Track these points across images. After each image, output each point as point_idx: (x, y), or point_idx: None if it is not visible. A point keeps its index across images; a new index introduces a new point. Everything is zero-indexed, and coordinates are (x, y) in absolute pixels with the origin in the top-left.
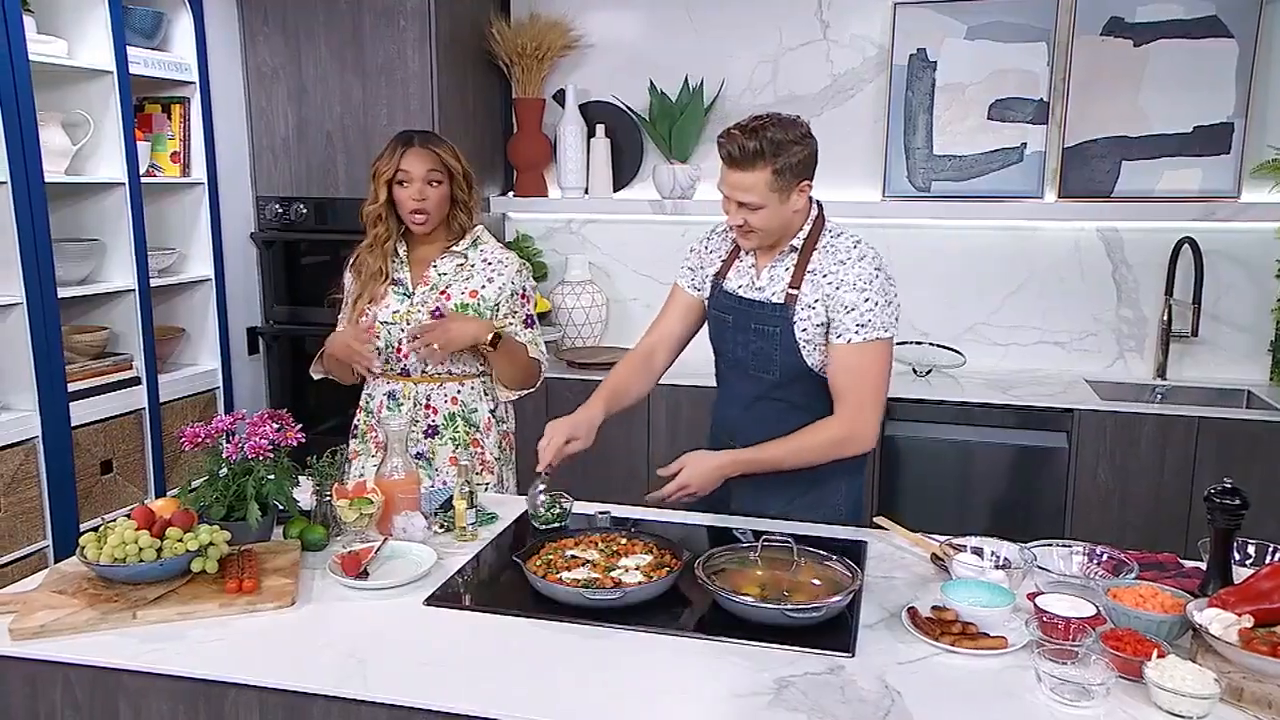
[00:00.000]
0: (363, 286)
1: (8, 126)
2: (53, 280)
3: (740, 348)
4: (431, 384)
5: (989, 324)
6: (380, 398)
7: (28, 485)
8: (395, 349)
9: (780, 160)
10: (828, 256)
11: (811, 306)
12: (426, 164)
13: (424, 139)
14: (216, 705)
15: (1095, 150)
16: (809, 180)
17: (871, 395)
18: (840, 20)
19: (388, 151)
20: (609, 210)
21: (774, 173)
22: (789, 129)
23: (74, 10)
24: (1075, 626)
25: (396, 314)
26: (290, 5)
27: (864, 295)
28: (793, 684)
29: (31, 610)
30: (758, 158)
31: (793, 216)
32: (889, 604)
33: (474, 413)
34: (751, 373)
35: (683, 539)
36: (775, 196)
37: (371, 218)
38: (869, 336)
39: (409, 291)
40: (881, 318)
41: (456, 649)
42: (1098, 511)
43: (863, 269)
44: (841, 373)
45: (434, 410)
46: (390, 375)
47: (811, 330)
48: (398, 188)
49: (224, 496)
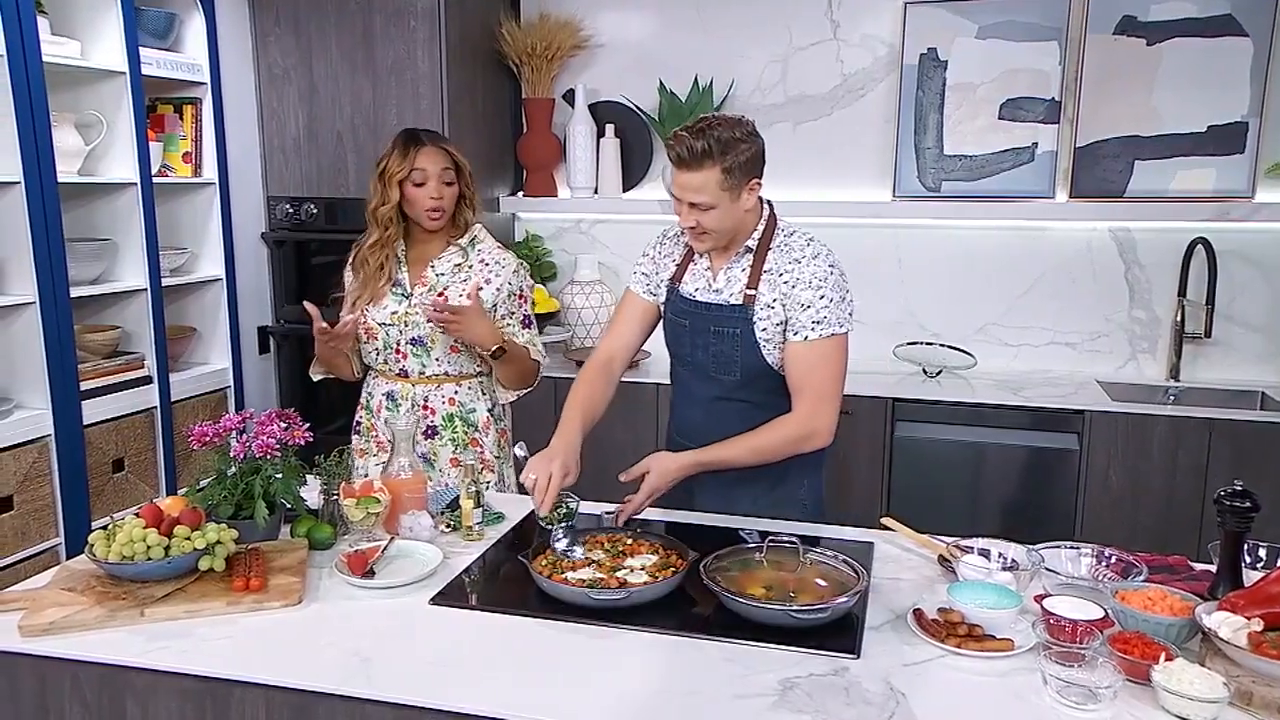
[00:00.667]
0: (364, 285)
1: (21, 127)
2: (65, 280)
3: (700, 350)
4: (429, 385)
5: (1000, 325)
6: (380, 398)
7: (40, 483)
8: (394, 349)
9: (729, 159)
10: (783, 255)
11: (770, 306)
12: (440, 162)
13: (432, 137)
14: (223, 703)
15: (1107, 150)
16: (758, 179)
17: (829, 391)
18: (850, 20)
19: (397, 152)
20: (618, 210)
21: (724, 171)
22: (735, 128)
23: (87, 11)
24: (1082, 629)
25: (395, 315)
26: (301, 6)
27: (819, 293)
28: (797, 685)
29: (41, 607)
30: (706, 157)
31: (745, 216)
32: (895, 605)
33: (472, 413)
34: (712, 374)
35: (689, 539)
36: (726, 196)
37: (384, 218)
38: (824, 333)
39: (407, 292)
40: (836, 314)
41: (461, 648)
42: (1109, 513)
43: (817, 266)
44: (799, 370)
45: (432, 411)
46: (389, 376)
47: (771, 329)
48: (412, 188)
49: (232, 495)
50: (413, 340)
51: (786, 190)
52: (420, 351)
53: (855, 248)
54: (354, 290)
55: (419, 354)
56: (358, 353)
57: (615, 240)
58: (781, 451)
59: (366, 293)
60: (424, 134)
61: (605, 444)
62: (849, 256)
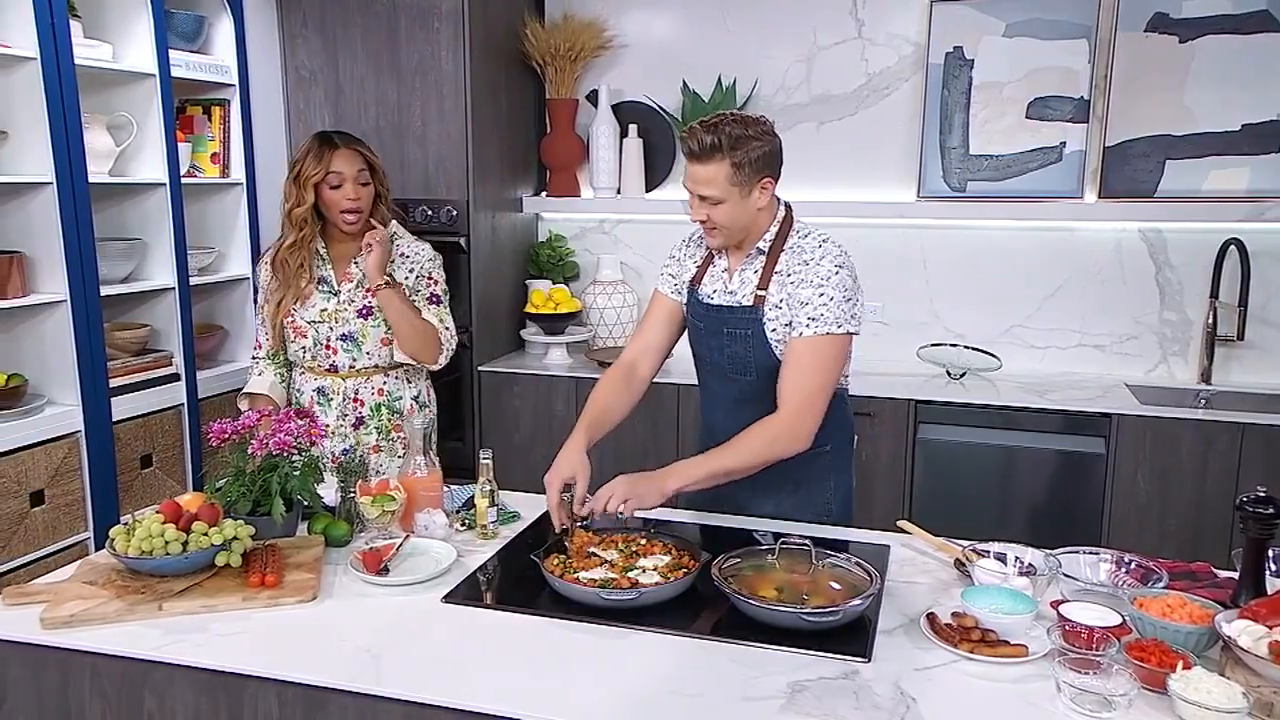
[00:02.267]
0: (287, 286)
1: (54, 129)
2: (96, 279)
3: (716, 352)
4: (359, 378)
5: (1026, 327)
6: (310, 393)
7: (71, 478)
8: (325, 345)
9: (738, 154)
10: (794, 257)
11: (778, 306)
12: (356, 164)
13: (345, 139)
14: (236, 697)
15: (1138, 149)
16: (771, 177)
17: (815, 394)
18: (876, 19)
19: (310, 154)
20: (641, 210)
21: (733, 166)
22: (749, 125)
23: (119, 14)
24: (1099, 636)
25: (324, 312)
26: (328, 8)
27: (819, 290)
28: (806, 688)
29: (62, 601)
30: (715, 150)
31: (757, 215)
32: (909, 609)
33: (398, 400)
34: (730, 376)
35: (702, 541)
36: (736, 191)
37: (299, 220)
38: (820, 331)
39: (335, 289)
40: (835, 313)
41: (472, 646)
42: (1136, 519)
43: (823, 266)
44: (789, 368)
45: (361, 403)
46: (318, 372)
47: (780, 330)
48: (328, 190)
49: (250, 492)
50: (343, 336)
51: (810, 191)
52: (351, 346)
53: (879, 248)
54: (274, 290)
55: (349, 349)
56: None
57: (638, 240)
58: (760, 455)
59: (290, 293)
60: (338, 136)
61: (625, 445)
62: (873, 257)
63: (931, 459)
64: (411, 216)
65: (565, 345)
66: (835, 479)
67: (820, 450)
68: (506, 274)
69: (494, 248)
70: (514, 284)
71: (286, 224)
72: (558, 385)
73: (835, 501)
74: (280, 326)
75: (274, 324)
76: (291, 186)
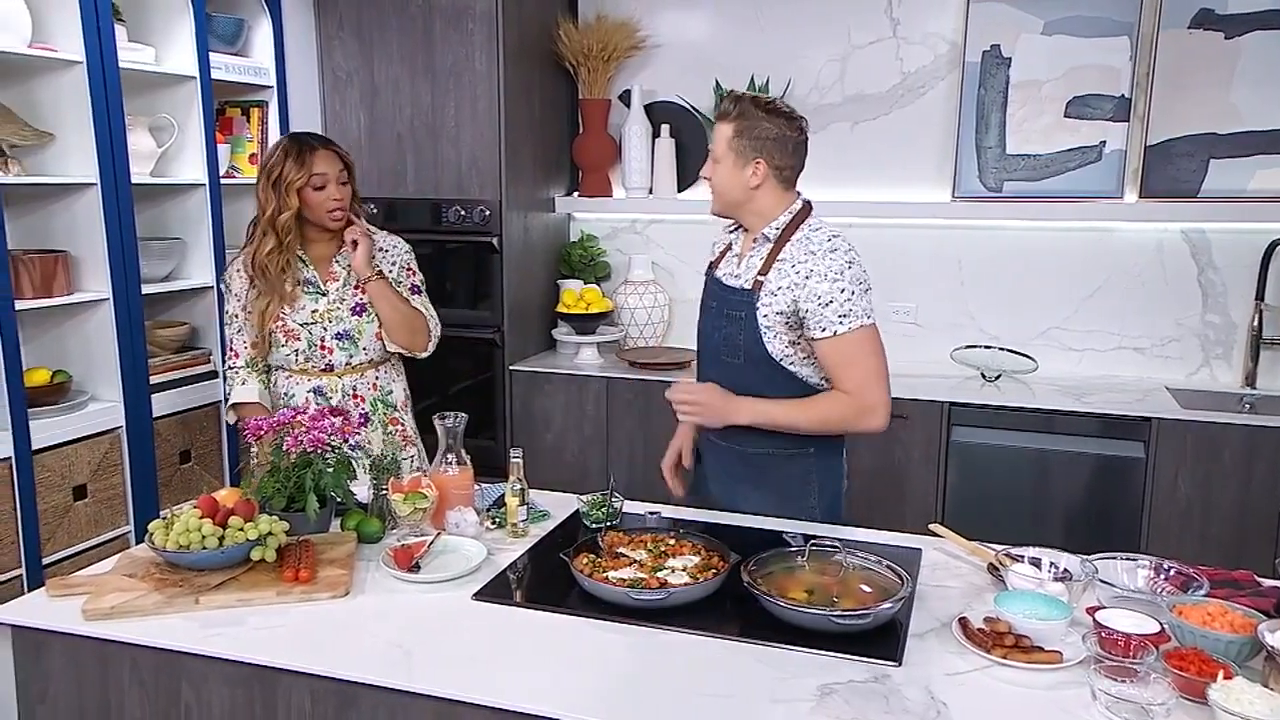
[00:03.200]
0: (272, 291)
1: (99, 131)
2: (138, 277)
3: (716, 332)
4: (355, 375)
5: (1063, 328)
6: (305, 395)
7: (112, 473)
8: (319, 346)
9: (743, 122)
10: (799, 248)
11: (774, 294)
12: (336, 164)
13: (322, 141)
14: (270, 690)
15: (1181, 148)
16: (766, 163)
17: (873, 374)
18: (911, 17)
19: (290, 158)
20: (673, 210)
21: (735, 132)
22: (771, 108)
23: (162, 18)
24: (1136, 644)
25: (315, 313)
26: (364, 10)
27: (838, 285)
28: (835, 691)
29: (103, 592)
30: (728, 112)
31: (752, 194)
32: (940, 613)
33: (390, 394)
34: (722, 358)
35: (731, 541)
36: (731, 157)
37: (284, 226)
38: (853, 325)
39: (322, 290)
40: (860, 305)
41: (502, 644)
42: (1177, 525)
43: (834, 260)
44: (838, 363)
45: (361, 399)
46: (313, 373)
47: (772, 317)
48: (312, 192)
49: (284, 488)
50: (338, 335)
51: (844, 191)
52: (347, 344)
53: (913, 249)
54: (256, 297)
55: (346, 347)
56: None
57: (669, 240)
58: (839, 422)
59: (274, 297)
60: (313, 138)
61: (652, 443)
62: (907, 258)
63: (965, 462)
64: (445, 217)
65: (596, 345)
66: (820, 481)
67: (802, 452)
68: (538, 274)
69: (526, 248)
70: (545, 284)
71: (269, 230)
72: (589, 385)
73: (820, 505)
74: (268, 332)
75: (262, 330)
76: (270, 192)
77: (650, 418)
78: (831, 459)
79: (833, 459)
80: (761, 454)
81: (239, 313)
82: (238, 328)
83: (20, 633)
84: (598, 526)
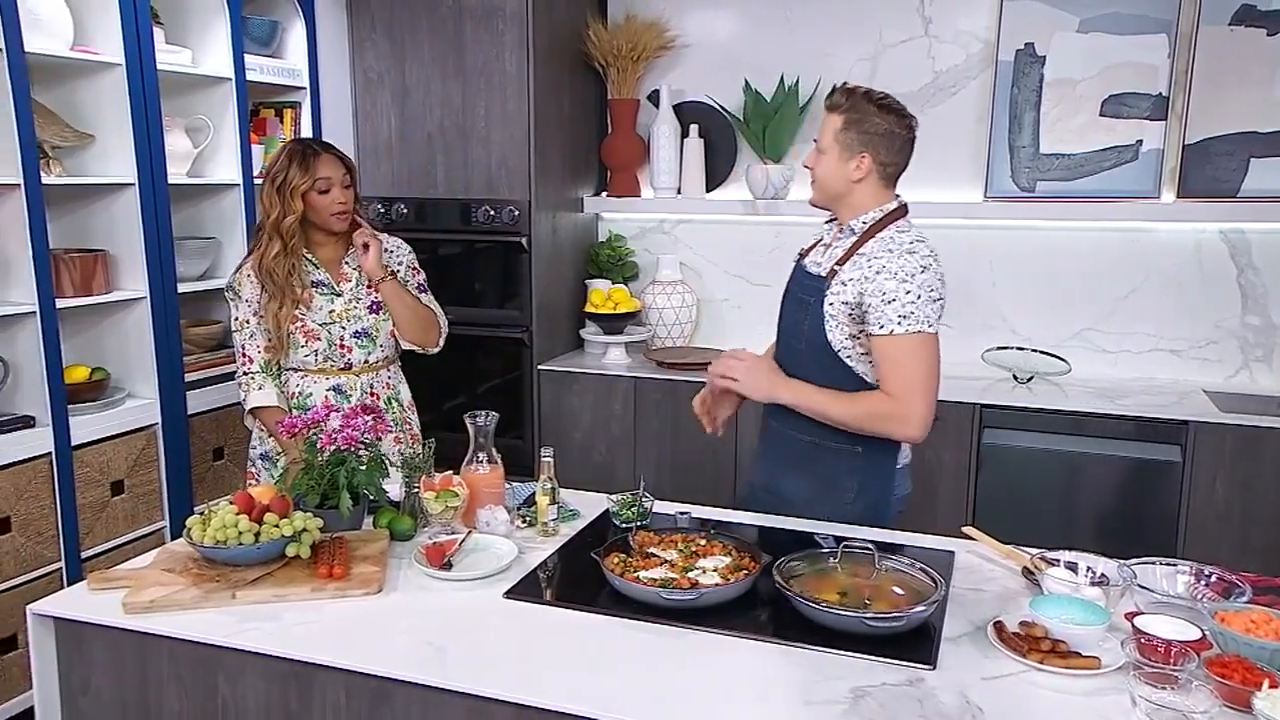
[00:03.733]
0: (280, 294)
1: (138, 132)
2: (174, 276)
3: (788, 314)
4: (372, 373)
5: (1097, 330)
6: (324, 394)
7: (149, 469)
8: (339, 345)
9: (854, 114)
10: (880, 245)
11: (844, 284)
12: (339, 169)
13: (324, 146)
14: (306, 685)
15: (1220, 147)
16: (871, 158)
17: (919, 383)
18: (943, 16)
19: (295, 164)
20: (701, 210)
21: (844, 124)
22: (883, 104)
23: (199, 20)
24: (1177, 650)
25: (333, 313)
26: (396, 12)
27: (905, 287)
28: (869, 694)
29: (142, 586)
30: (838, 104)
31: (852, 188)
32: (975, 617)
33: (399, 394)
34: (789, 341)
35: (761, 542)
36: (836, 148)
37: (289, 230)
38: (911, 329)
39: (336, 290)
40: (924, 312)
41: (535, 642)
42: (1215, 530)
43: (908, 261)
44: (887, 363)
45: (376, 397)
46: (331, 372)
47: (838, 306)
48: (316, 195)
49: (318, 485)
50: (357, 333)
51: None
52: (366, 343)
53: (944, 249)
54: (266, 301)
55: (365, 345)
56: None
57: (698, 240)
58: (868, 419)
59: (286, 300)
60: (316, 143)
61: (680, 443)
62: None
63: (996, 465)
64: (474, 217)
65: (624, 345)
66: (862, 481)
67: (849, 448)
68: (566, 274)
69: (554, 248)
70: (573, 283)
71: (274, 234)
72: (617, 385)
73: (856, 505)
74: (286, 334)
75: (279, 333)
76: (275, 197)
77: (678, 418)
78: (880, 463)
79: (882, 464)
80: (809, 442)
81: (250, 318)
82: (249, 333)
83: (63, 625)
84: (628, 526)
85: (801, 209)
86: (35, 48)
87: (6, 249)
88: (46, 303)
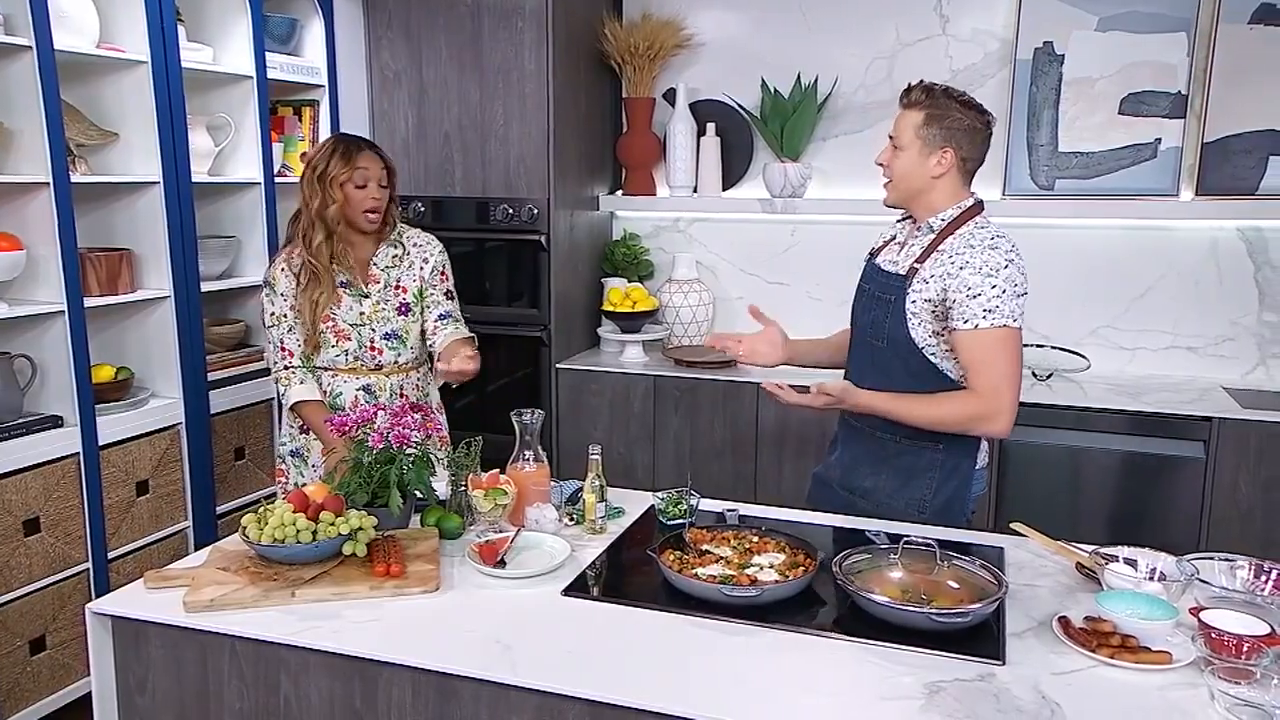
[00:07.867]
0: (319, 283)
1: (162, 130)
2: (197, 275)
3: (865, 314)
4: (402, 374)
5: (1115, 327)
6: (353, 394)
7: (172, 469)
8: (369, 346)
9: (935, 110)
10: (961, 241)
11: (926, 281)
12: (379, 165)
13: (366, 143)
14: (371, 682)
15: (1239, 145)
16: (954, 152)
17: (1007, 378)
18: (960, 14)
19: (337, 155)
20: (718, 209)
21: (926, 118)
22: (963, 100)
23: (219, 18)
24: (1249, 645)
25: (363, 314)
26: (413, 10)
27: (990, 282)
28: (943, 689)
29: (201, 585)
30: (918, 100)
31: (931, 184)
32: (1035, 613)
33: (427, 395)
34: (868, 340)
35: (811, 539)
36: (917, 144)
37: (333, 219)
38: (996, 323)
39: (364, 292)
40: (1009, 306)
41: (597, 639)
42: (1238, 526)
43: (991, 256)
44: (972, 358)
45: (406, 398)
46: (362, 372)
47: (920, 304)
48: (353, 189)
49: (368, 484)
50: (387, 335)
51: None
52: (396, 344)
53: None
54: (303, 291)
55: (395, 346)
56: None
57: (713, 239)
58: (956, 422)
59: (323, 290)
60: (360, 140)
61: (698, 440)
62: None
63: (1016, 462)
64: (492, 215)
65: (641, 343)
66: (941, 478)
67: (930, 446)
68: (583, 272)
69: (571, 246)
70: (590, 282)
71: (318, 223)
72: (635, 383)
73: (934, 502)
74: (319, 331)
75: (315, 325)
76: (315, 186)
77: (696, 415)
78: (960, 459)
79: (962, 459)
80: (889, 439)
81: (287, 312)
82: (288, 327)
83: (120, 623)
84: (675, 524)
85: (819, 207)
86: (62, 45)
87: (35, 249)
88: (75, 302)
